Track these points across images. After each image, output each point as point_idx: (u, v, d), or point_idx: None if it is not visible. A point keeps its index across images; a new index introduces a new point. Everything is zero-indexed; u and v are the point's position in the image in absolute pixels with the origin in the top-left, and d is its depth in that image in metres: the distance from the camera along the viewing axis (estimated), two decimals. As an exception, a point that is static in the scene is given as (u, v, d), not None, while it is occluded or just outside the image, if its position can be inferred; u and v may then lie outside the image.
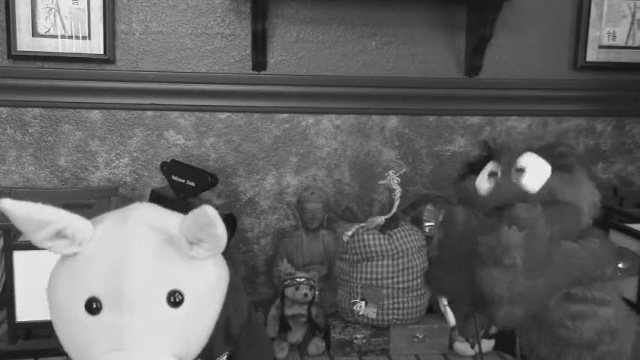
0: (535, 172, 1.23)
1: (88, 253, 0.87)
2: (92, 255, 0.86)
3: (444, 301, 1.51)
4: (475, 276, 1.23)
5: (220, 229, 0.84)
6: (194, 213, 0.84)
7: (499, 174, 1.27)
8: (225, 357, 1.12)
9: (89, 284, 0.84)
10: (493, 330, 1.56)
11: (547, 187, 1.21)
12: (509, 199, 1.23)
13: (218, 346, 1.08)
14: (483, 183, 1.29)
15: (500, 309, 1.21)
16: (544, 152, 1.25)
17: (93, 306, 0.83)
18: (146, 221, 0.90)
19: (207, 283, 0.90)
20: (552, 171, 1.22)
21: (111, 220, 0.91)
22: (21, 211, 0.82)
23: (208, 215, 0.82)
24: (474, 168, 1.36)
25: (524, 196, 1.22)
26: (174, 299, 0.85)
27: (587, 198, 1.23)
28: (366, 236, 1.64)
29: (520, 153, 1.26)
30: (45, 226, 0.83)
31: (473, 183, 1.33)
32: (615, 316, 1.24)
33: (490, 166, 1.30)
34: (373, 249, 1.62)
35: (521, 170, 1.23)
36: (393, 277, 1.62)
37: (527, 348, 1.32)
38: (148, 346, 0.83)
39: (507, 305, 1.20)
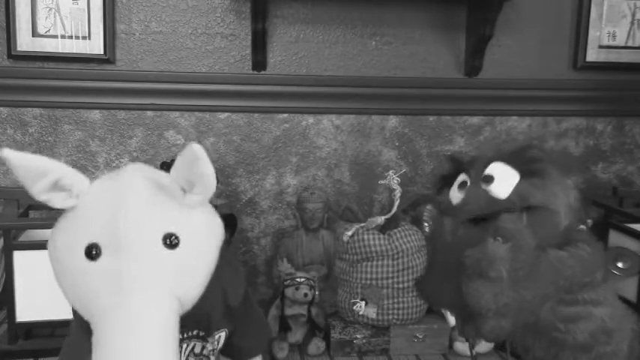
0: (503, 179, 1.23)
1: (85, 204, 0.89)
2: (90, 205, 0.89)
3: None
4: (462, 288, 1.23)
5: (207, 167, 0.86)
6: (182, 154, 0.86)
7: (468, 184, 1.27)
8: (223, 334, 1.13)
9: (88, 232, 0.86)
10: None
11: (516, 192, 1.21)
12: (481, 208, 1.23)
13: (216, 319, 1.09)
14: (455, 194, 1.31)
15: (487, 322, 1.21)
16: (512, 159, 1.25)
17: (92, 252, 0.85)
18: (139, 173, 0.93)
19: (201, 228, 0.92)
20: (521, 177, 1.22)
21: (105, 176, 0.95)
22: (21, 160, 0.83)
23: (194, 151, 0.84)
24: (447, 181, 1.37)
25: (494, 203, 1.22)
26: (170, 242, 0.86)
27: (561, 200, 1.22)
28: (366, 236, 1.64)
29: (488, 162, 1.26)
30: (43, 175, 0.85)
31: (445, 197, 1.34)
32: (611, 316, 1.24)
33: (460, 178, 1.31)
34: (373, 249, 1.62)
35: (490, 178, 1.23)
36: (393, 277, 1.62)
37: (523, 350, 1.32)
38: (147, 289, 0.84)
39: (494, 318, 1.20)
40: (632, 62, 2.07)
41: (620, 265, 1.76)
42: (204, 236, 0.93)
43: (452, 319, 1.57)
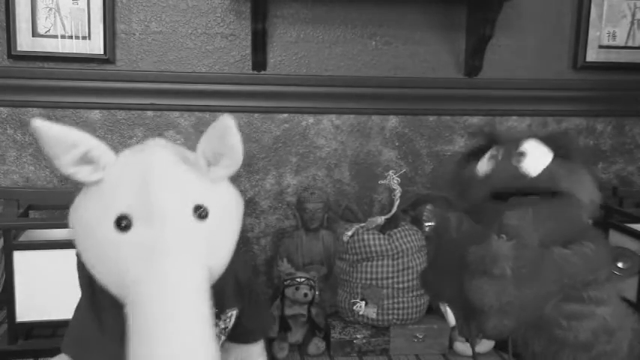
0: (536, 157, 1.21)
1: (112, 177, 0.88)
2: (117, 177, 0.88)
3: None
4: (464, 285, 1.23)
5: (238, 139, 0.88)
6: (212, 126, 0.88)
7: (499, 157, 1.25)
8: (235, 312, 1.14)
9: (118, 203, 0.86)
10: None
11: (547, 172, 1.19)
12: (507, 182, 1.22)
13: (229, 296, 1.10)
14: (483, 166, 1.28)
15: (489, 319, 1.21)
16: (548, 140, 1.24)
17: (122, 224, 0.84)
18: (164, 147, 0.94)
19: (227, 201, 0.94)
20: (554, 157, 1.21)
21: (129, 151, 0.95)
22: (52, 130, 0.82)
23: (226, 122, 0.86)
24: (474, 155, 1.34)
25: (521, 179, 1.20)
26: (200, 213, 0.87)
27: (588, 191, 1.21)
28: (366, 236, 1.64)
29: (523, 138, 1.24)
30: (73, 147, 0.84)
31: (470, 170, 1.32)
32: (612, 315, 1.24)
33: (492, 151, 1.29)
34: (373, 249, 1.62)
35: (522, 154, 1.22)
36: (393, 277, 1.62)
37: (523, 345, 1.31)
38: (180, 258, 0.84)
39: (497, 316, 1.20)
40: (632, 62, 2.07)
41: (620, 265, 1.76)
42: (230, 209, 0.95)
43: (452, 319, 1.57)
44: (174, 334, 0.79)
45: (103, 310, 0.97)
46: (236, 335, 1.21)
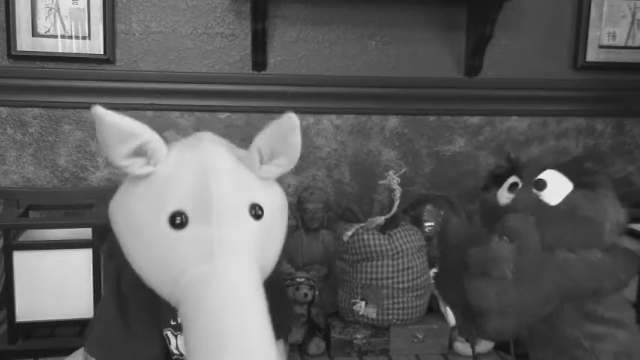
0: (556, 187, 1.22)
1: (166, 172, 0.86)
2: (171, 172, 0.86)
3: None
4: (465, 286, 1.23)
5: (300, 139, 0.89)
6: (277, 122, 0.88)
7: (519, 186, 1.27)
8: None
9: (173, 199, 0.83)
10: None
11: (567, 202, 1.21)
12: (527, 212, 1.23)
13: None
14: (504, 194, 1.30)
15: (489, 321, 1.21)
16: (568, 168, 1.24)
17: (177, 220, 0.82)
18: (219, 142, 0.93)
19: (278, 203, 0.94)
20: (574, 187, 1.22)
21: (181, 144, 0.92)
22: (114, 119, 0.81)
23: (293, 122, 0.86)
24: (497, 180, 1.36)
25: (542, 208, 1.22)
26: (255, 212, 0.86)
27: (610, 215, 1.22)
28: (366, 236, 1.64)
29: (543, 168, 1.25)
30: (131, 138, 0.82)
31: (493, 195, 1.33)
32: (631, 340, 1.24)
33: (511, 179, 1.31)
34: (373, 249, 1.62)
35: (543, 184, 1.23)
36: (393, 277, 1.62)
37: None
38: (239, 255, 0.83)
39: (497, 317, 1.20)
40: (632, 62, 2.07)
41: (620, 265, 1.76)
42: (281, 210, 0.94)
43: (452, 320, 1.57)
44: (245, 330, 0.77)
45: (128, 310, 0.95)
46: None
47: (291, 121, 0.86)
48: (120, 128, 0.81)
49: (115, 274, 0.93)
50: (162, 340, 1.03)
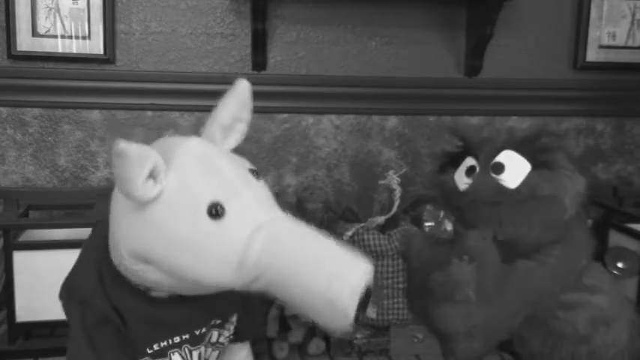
0: (513, 169, 1.21)
1: (173, 183, 0.86)
2: (182, 176, 0.87)
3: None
4: (430, 311, 1.23)
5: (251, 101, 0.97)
6: (233, 92, 0.97)
7: (477, 170, 1.25)
8: (235, 318, 1.12)
9: (200, 194, 0.85)
10: None
11: (526, 183, 1.19)
12: (488, 197, 1.22)
13: (231, 302, 1.08)
14: (462, 179, 1.28)
15: (458, 344, 1.21)
16: (523, 147, 1.22)
17: (214, 211, 0.84)
18: (179, 139, 0.97)
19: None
20: (532, 168, 1.20)
21: (164, 153, 0.91)
22: (135, 150, 0.81)
23: (246, 85, 0.95)
24: (452, 161, 1.34)
25: (503, 193, 1.20)
26: (257, 174, 0.94)
27: (569, 190, 1.20)
28: (366, 236, 1.64)
29: (499, 149, 1.23)
30: (147, 161, 0.82)
31: (451, 176, 1.31)
32: (609, 304, 1.22)
33: (468, 162, 1.28)
34: (373, 249, 1.62)
35: (500, 167, 1.21)
36: (393, 277, 1.62)
37: (520, 344, 1.30)
38: (275, 206, 0.90)
39: (465, 340, 1.20)
40: (632, 62, 2.07)
41: (620, 265, 1.76)
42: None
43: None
44: (333, 243, 0.84)
45: (98, 348, 0.94)
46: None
47: (247, 87, 0.95)
48: (140, 157, 0.82)
49: (79, 316, 0.93)
50: None
